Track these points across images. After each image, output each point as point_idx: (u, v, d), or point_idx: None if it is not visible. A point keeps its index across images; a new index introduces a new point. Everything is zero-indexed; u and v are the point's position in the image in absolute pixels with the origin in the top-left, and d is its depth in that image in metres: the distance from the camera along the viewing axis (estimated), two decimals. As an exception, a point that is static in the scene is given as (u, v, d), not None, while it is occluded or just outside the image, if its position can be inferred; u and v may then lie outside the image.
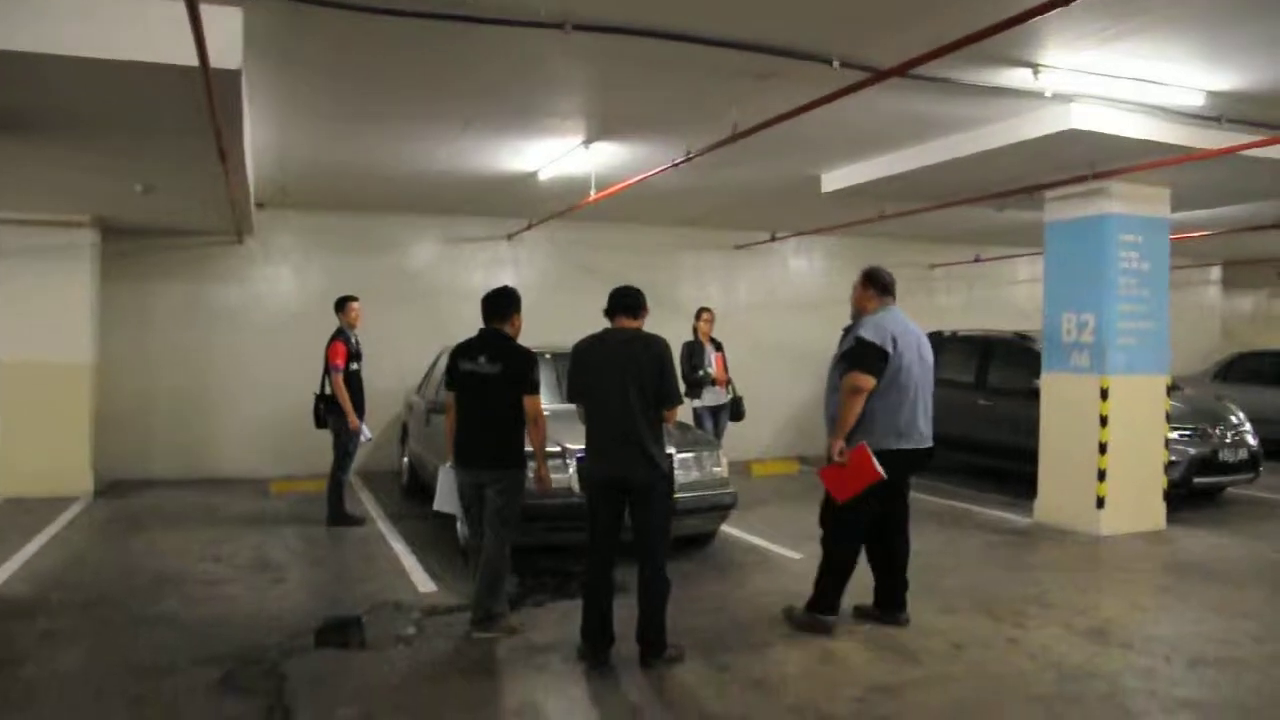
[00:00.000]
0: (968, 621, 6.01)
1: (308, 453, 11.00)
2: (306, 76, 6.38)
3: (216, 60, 4.63)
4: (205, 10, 4.48)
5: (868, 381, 5.57)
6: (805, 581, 6.77)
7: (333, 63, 6.04)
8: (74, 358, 10.46)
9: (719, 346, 10.28)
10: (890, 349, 5.60)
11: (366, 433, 9.09)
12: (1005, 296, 16.00)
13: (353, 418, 8.71)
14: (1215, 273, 17.78)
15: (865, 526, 5.81)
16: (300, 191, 10.88)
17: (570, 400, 5.43)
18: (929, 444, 5.80)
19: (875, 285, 5.90)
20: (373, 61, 5.98)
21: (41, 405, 10.28)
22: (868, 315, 5.84)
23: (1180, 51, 5.66)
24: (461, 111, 7.26)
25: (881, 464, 5.52)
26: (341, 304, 9.07)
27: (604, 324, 5.45)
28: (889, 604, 6.01)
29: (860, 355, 5.64)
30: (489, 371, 5.62)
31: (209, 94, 4.88)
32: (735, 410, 10.21)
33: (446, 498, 5.99)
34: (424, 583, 6.95)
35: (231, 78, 4.89)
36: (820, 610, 5.87)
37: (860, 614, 6.09)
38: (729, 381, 10.18)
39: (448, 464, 5.96)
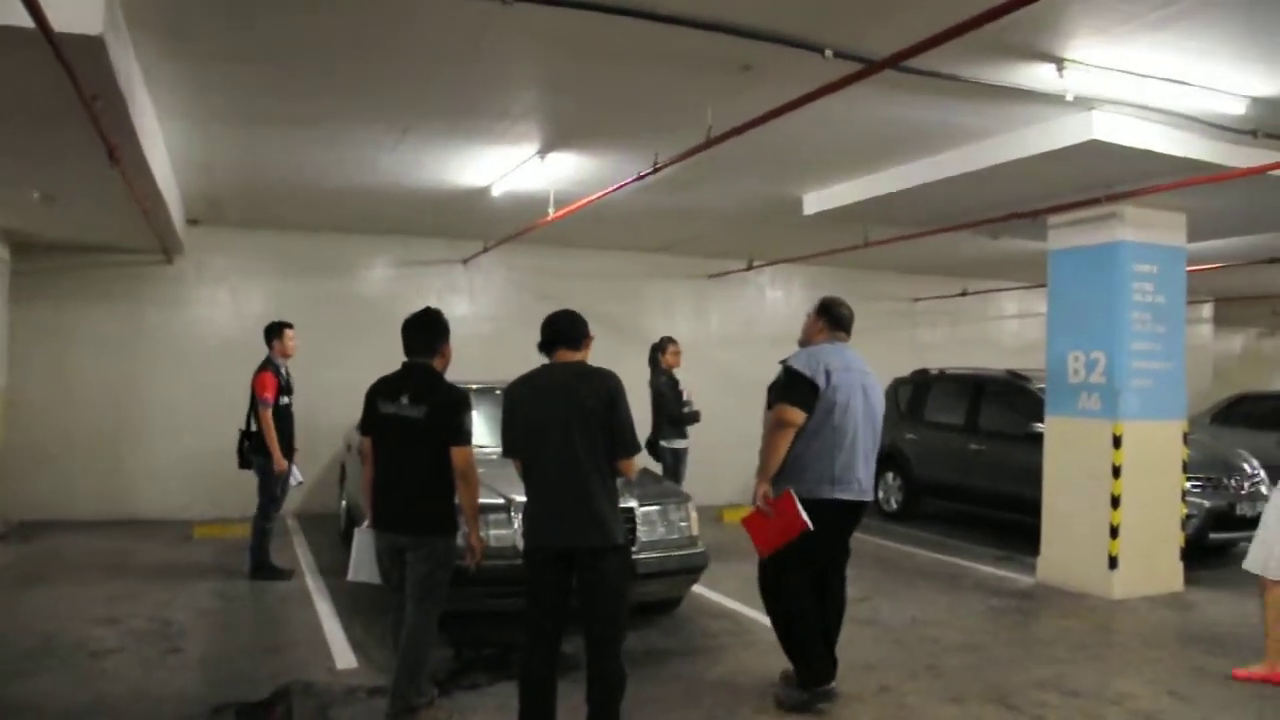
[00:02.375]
0: (980, 713, 5.08)
1: (241, 493, 9.94)
2: (213, 66, 5.50)
3: (68, 23, 3.73)
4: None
5: (795, 415, 4.97)
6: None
7: (239, 47, 5.16)
8: (-26, 386, 9.43)
9: None
10: (822, 382, 4.97)
11: (297, 475, 8.13)
12: (991, 333, 15.27)
13: (279, 458, 7.73)
14: (1207, 310, 17.12)
15: (808, 584, 5.12)
16: (236, 207, 9.98)
17: (505, 455, 4.46)
18: (868, 496, 5.16)
19: (827, 317, 5.30)
20: (283, 43, 5.09)
21: (-64, 439, 9.24)
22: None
23: (1230, 45, 4.84)
24: (397, 112, 6.39)
25: (814, 514, 4.86)
26: (276, 331, 8.05)
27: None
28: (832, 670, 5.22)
29: (787, 387, 5.04)
30: (411, 415, 4.66)
31: (65, 67, 3.95)
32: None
33: (363, 565, 5.01)
34: (344, 655, 5.97)
35: (92, 47, 3.96)
36: (809, 684, 5.06)
37: (785, 679, 5.31)
38: None
39: (364, 524, 5.00)
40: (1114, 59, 5.04)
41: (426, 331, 4.89)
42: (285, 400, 7.94)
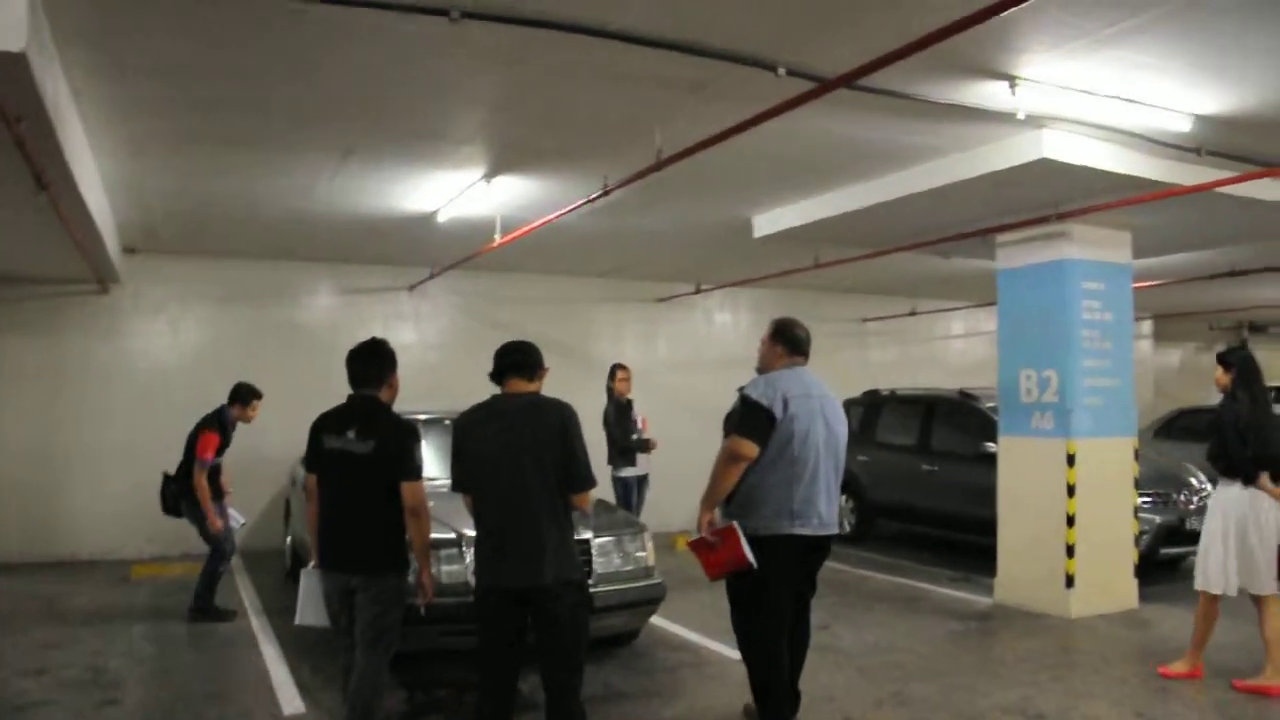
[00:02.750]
0: (949, 743, 5.00)
1: (180, 530, 9.61)
2: (146, 85, 5.29)
3: (-14, 39, 3.55)
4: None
5: (747, 448, 4.68)
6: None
7: (172, 66, 4.97)
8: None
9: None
10: (779, 411, 4.68)
11: (237, 516, 7.87)
12: (939, 352, 15.36)
13: (214, 519, 7.50)
14: (1146, 326, 17.39)
15: (782, 618, 4.84)
16: (173, 235, 9.70)
17: (454, 489, 4.28)
18: (830, 530, 4.85)
19: (784, 341, 5.01)
20: (218, 61, 4.91)
21: None
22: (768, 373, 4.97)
23: (1179, 61, 4.84)
24: (338, 134, 6.20)
25: (775, 551, 4.66)
26: (245, 396, 7.72)
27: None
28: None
29: (743, 417, 4.77)
30: (359, 450, 4.45)
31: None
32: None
33: (310, 608, 4.77)
34: (291, 701, 5.71)
35: (15, 65, 3.75)
36: None
37: (748, 713, 5.19)
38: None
39: (310, 565, 4.78)
40: (1065, 76, 5.04)
41: (372, 362, 4.69)
42: (219, 459, 7.69)
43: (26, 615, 7.85)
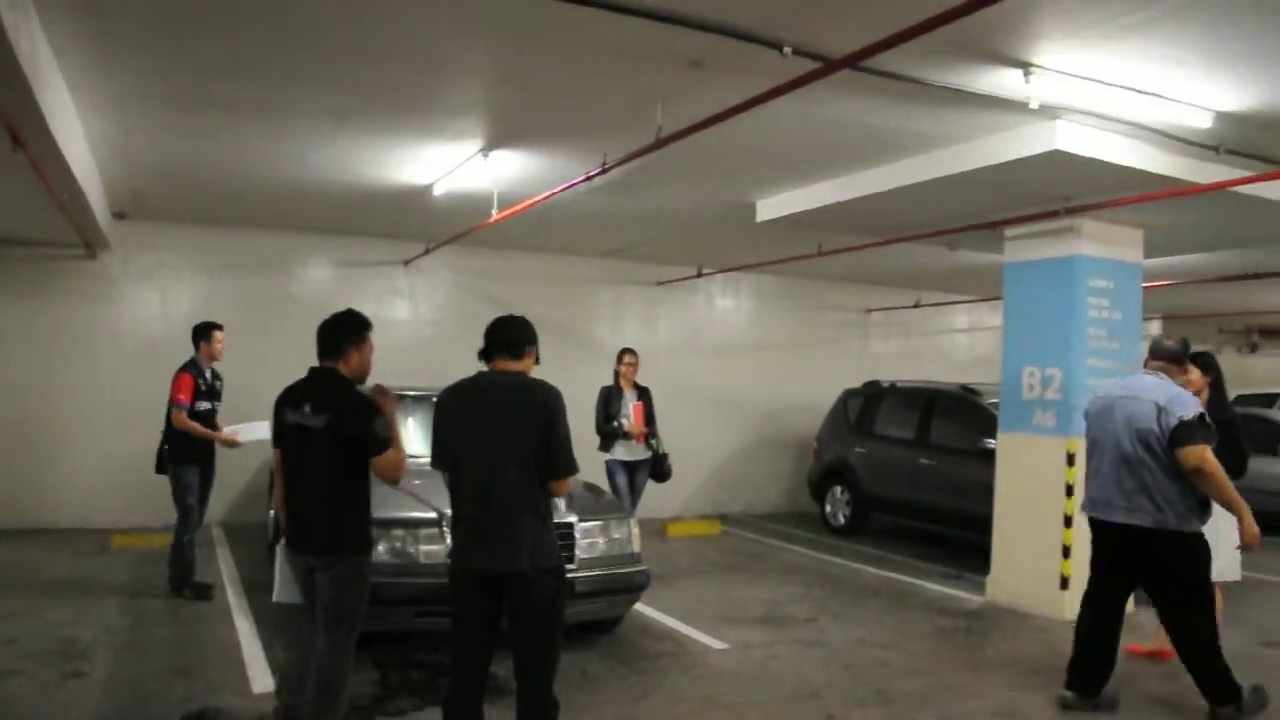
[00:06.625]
0: (933, 748, 4.85)
1: (164, 500, 9.50)
2: (129, 43, 5.08)
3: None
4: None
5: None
6: (730, 681, 5.70)
7: (154, 24, 4.77)
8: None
9: (643, 394, 8.86)
10: (1084, 413, 5.77)
11: (257, 429, 7.53)
12: (944, 345, 15.19)
13: (218, 434, 7.46)
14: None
15: (1092, 595, 5.72)
16: (162, 200, 9.48)
17: (434, 466, 4.13)
18: (1119, 519, 5.27)
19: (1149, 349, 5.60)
20: (201, 18, 4.71)
21: None
22: None
23: (1202, 54, 4.64)
24: (330, 98, 5.99)
25: (1092, 531, 5.58)
26: (204, 332, 7.52)
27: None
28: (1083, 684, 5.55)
29: None
30: (312, 425, 4.27)
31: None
32: (658, 470, 8.73)
33: (287, 585, 4.60)
34: (262, 677, 5.57)
35: (-24, 16, 3.59)
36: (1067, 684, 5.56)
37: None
38: (649, 435, 8.66)
39: (282, 542, 4.63)
40: (1083, 65, 4.84)
41: (332, 333, 4.49)
42: (206, 406, 7.46)
43: (1, 583, 7.72)
